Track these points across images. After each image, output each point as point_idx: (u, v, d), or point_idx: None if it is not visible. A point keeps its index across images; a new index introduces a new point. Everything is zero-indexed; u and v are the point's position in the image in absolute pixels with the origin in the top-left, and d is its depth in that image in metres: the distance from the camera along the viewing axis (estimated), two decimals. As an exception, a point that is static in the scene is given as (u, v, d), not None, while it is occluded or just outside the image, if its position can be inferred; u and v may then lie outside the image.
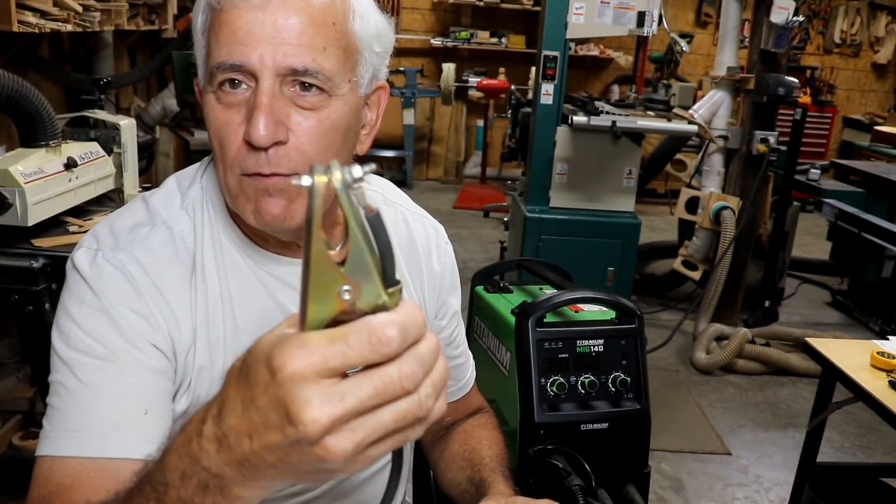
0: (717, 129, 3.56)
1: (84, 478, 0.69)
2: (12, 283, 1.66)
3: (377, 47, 0.78)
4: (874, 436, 2.84)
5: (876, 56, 7.18)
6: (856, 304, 4.10)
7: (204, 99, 0.75)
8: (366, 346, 0.42)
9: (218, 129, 0.73)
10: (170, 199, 0.83)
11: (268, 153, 0.71)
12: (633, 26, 3.06)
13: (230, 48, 0.70)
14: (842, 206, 3.60)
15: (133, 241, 0.78)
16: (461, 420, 1.07)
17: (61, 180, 1.80)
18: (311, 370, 0.42)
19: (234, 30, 0.70)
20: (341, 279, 0.44)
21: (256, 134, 0.69)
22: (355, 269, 0.44)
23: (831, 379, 1.79)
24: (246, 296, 0.81)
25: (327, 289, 0.44)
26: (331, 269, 0.44)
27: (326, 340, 0.43)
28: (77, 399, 0.71)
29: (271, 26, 0.69)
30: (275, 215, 0.73)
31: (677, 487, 2.45)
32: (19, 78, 1.74)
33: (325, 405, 0.42)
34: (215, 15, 0.72)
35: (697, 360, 3.33)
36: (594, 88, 6.63)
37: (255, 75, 0.70)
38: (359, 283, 0.44)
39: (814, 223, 5.36)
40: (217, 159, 0.75)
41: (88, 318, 0.74)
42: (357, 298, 0.44)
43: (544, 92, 3.25)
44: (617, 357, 1.48)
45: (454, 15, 6.57)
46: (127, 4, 2.74)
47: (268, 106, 0.69)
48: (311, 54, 0.70)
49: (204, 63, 0.75)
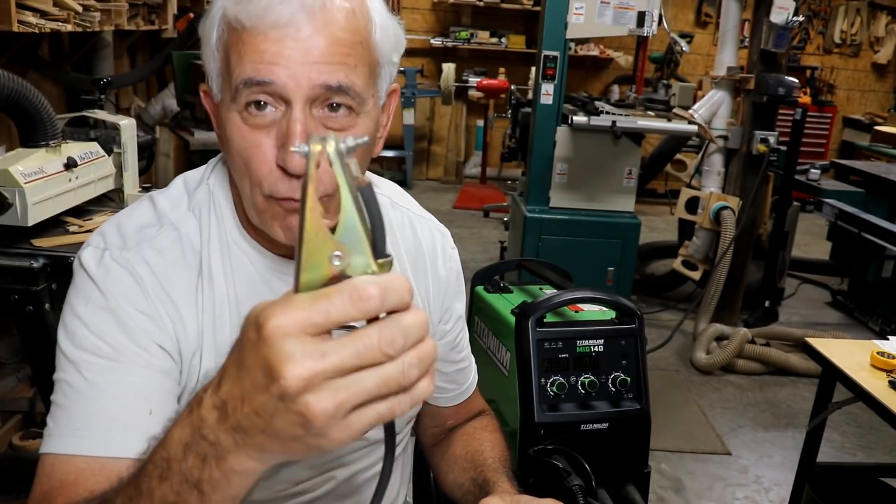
0: (717, 129, 3.56)
1: (87, 475, 0.69)
2: (12, 283, 1.65)
3: (395, 57, 0.78)
4: (874, 436, 2.84)
5: (876, 56, 7.18)
6: (856, 304, 4.10)
7: (224, 115, 0.73)
8: (347, 302, 0.43)
9: (244, 149, 0.71)
10: (177, 200, 0.82)
11: (300, 179, 0.69)
12: (633, 26, 3.06)
13: (257, 66, 0.68)
14: (842, 206, 3.60)
15: (141, 241, 0.78)
16: (463, 423, 1.07)
17: (61, 180, 1.80)
18: (295, 326, 0.43)
19: (259, 51, 0.68)
20: (332, 245, 0.45)
21: (293, 162, 0.67)
22: (346, 236, 0.46)
23: (831, 379, 1.79)
24: (253, 299, 0.80)
25: (319, 253, 0.45)
26: (323, 235, 0.45)
27: (311, 299, 0.44)
28: (82, 398, 0.72)
29: (301, 49, 0.67)
30: None
31: (677, 487, 2.45)
32: (19, 78, 1.74)
33: (306, 359, 0.43)
34: (235, 34, 0.69)
35: (697, 360, 3.33)
36: (594, 88, 6.63)
37: (284, 98, 0.68)
38: (349, 251, 0.46)
39: (814, 223, 5.36)
40: (240, 175, 0.73)
41: (95, 317, 0.74)
42: (347, 266, 0.46)
43: (544, 92, 3.26)
44: (617, 357, 1.48)
45: (454, 15, 6.57)
46: (127, 4, 2.74)
47: (304, 133, 0.68)
48: (343, 71, 0.69)
49: (220, 75, 0.73)
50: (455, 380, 1.03)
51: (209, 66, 0.75)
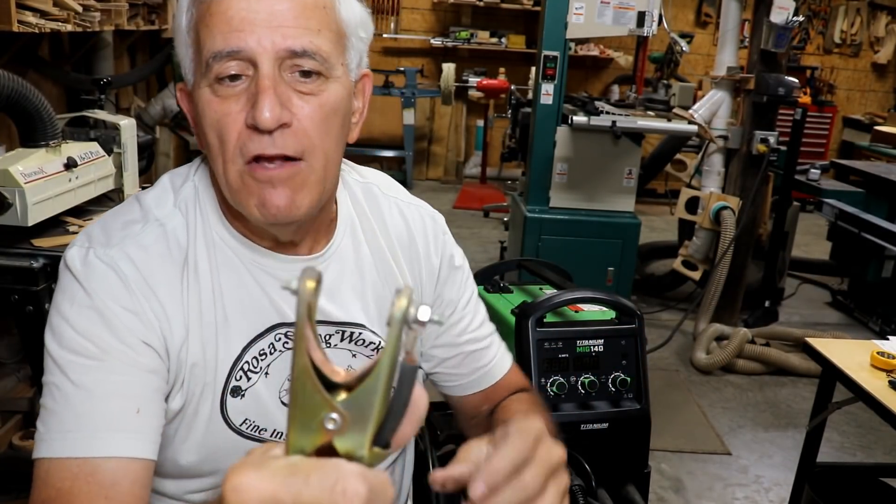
0: (717, 129, 3.56)
1: (81, 482, 0.69)
2: (12, 283, 1.66)
3: (362, 33, 0.79)
4: (874, 436, 2.84)
5: (876, 56, 7.18)
6: (856, 304, 4.10)
7: (196, 95, 0.74)
8: (325, 491, 0.37)
9: (216, 120, 0.72)
10: (163, 197, 0.82)
11: (272, 136, 0.70)
12: (633, 26, 3.06)
13: (226, 36, 0.70)
14: (842, 206, 3.60)
15: (125, 237, 0.78)
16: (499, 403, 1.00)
17: (61, 180, 1.80)
18: (256, 499, 0.37)
19: (227, 18, 0.70)
20: (327, 406, 0.39)
21: (262, 117, 0.68)
22: (356, 406, 0.39)
23: (831, 379, 1.79)
24: (238, 292, 0.81)
25: (311, 413, 0.39)
26: (315, 392, 0.39)
27: (286, 471, 0.38)
28: (70, 400, 0.72)
29: (266, 12, 0.70)
30: (280, 207, 0.73)
31: (677, 487, 2.45)
32: (19, 78, 1.74)
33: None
34: (205, 7, 0.72)
35: (697, 360, 3.33)
36: (594, 88, 6.63)
37: (253, 62, 0.70)
38: (350, 422, 0.39)
39: (814, 223, 5.36)
40: (215, 154, 0.74)
41: (80, 317, 0.74)
42: (341, 434, 0.39)
43: (544, 92, 3.26)
44: (617, 357, 1.48)
45: (454, 15, 6.57)
46: (127, 4, 2.74)
47: (272, 88, 0.69)
48: (307, 35, 0.71)
49: (194, 59, 0.74)
50: (463, 364, 0.98)
51: (183, 58, 0.76)
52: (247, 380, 0.82)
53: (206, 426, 0.80)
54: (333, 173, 0.79)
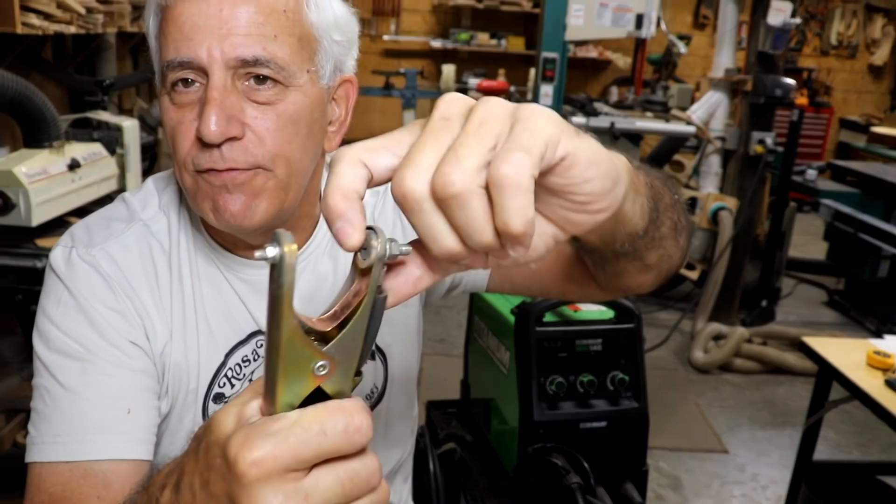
0: (714, 131, 3.58)
1: (73, 485, 0.69)
2: (16, 282, 1.67)
3: (337, 36, 0.74)
4: (870, 434, 2.86)
5: (872, 58, 7.20)
6: (852, 304, 4.12)
7: (160, 101, 0.73)
8: (341, 435, 0.37)
9: (171, 128, 0.70)
10: (148, 199, 0.82)
11: (221, 149, 0.68)
12: (631, 28, 3.08)
13: (177, 45, 0.67)
14: (838, 207, 3.62)
15: (108, 237, 0.77)
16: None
17: (65, 181, 1.82)
18: (281, 467, 0.37)
19: (179, 25, 0.67)
20: (317, 355, 0.39)
21: (207, 130, 0.66)
22: (343, 349, 0.39)
23: (828, 378, 1.80)
24: (217, 300, 0.80)
25: (300, 368, 0.39)
26: (304, 347, 0.38)
27: (298, 430, 0.37)
28: (60, 403, 0.71)
29: (216, 17, 0.66)
30: (234, 213, 0.70)
31: (675, 485, 2.47)
32: (23, 79, 1.76)
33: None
34: (164, 13, 0.70)
35: (695, 359, 3.34)
36: (593, 90, 6.65)
37: (204, 70, 0.67)
38: (337, 364, 0.39)
39: (810, 223, 5.38)
40: (174, 159, 0.72)
41: (66, 318, 0.73)
42: (329, 377, 0.39)
43: (543, 93, 3.27)
44: (615, 356, 1.50)
45: (454, 17, 6.58)
46: (130, 6, 2.75)
47: (219, 101, 0.66)
48: (260, 43, 0.67)
49: (157, 64, 0.73)
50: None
51: (154, 61, 0.74)
52: (230, 387, 0.81)
53: (189, 433, 0.80)
54: (299, 182, 0.74)
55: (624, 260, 0.65)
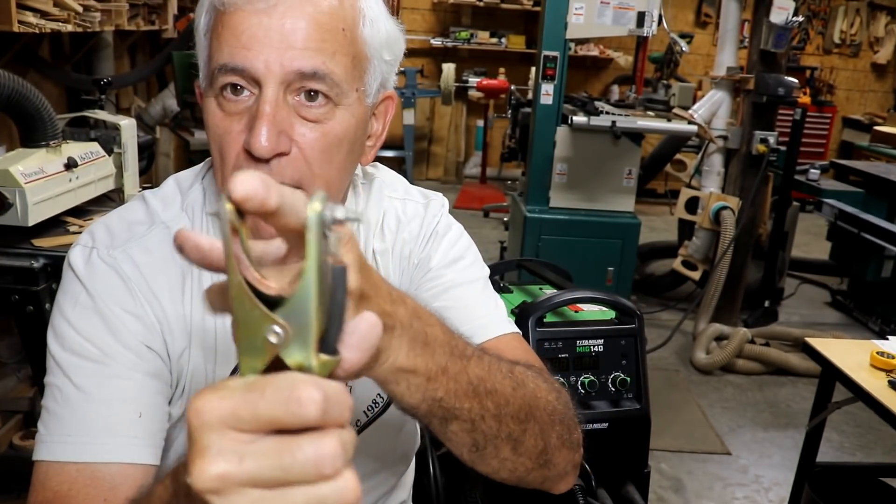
0: (716, 130, 3.56)
1: (79, 485, 0.68)
2: (13, 282, 1.66)
3: (387, 55, 0.76)
4: (873, 436, 2.85)
5: (875, 56, 7.18)
6: (855, 304, 4.10)
7: (204, 102, 0.73)
8: (281, 402, 0.37)
9: (218, 136, 0.70)
10: (170, 199, 0.81)
11: (269, 164, 0.68)
12: (632, 26, 3.07)
13: (232, 50, 0.67)
14: (841, 206, 3.60)
15: (129, 239, 0.77)
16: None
17: (62, 180, 1.81)
18: (217, 417, 0.37)
19: (237, 33, 0.67)
20: (267, 319, 0.39)
21: (258, 144, 0.66)
22: (293, 314, 0.39)
23: (831, 379, 1.79)
24: None
25: (254, 331, 0.39)
26: (253, 308, 0.39)
27: (243, 388, 0.38)
28: (72, 403, 0.71)
29: (277, 30, 0.66)
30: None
31: (677, 487, 2.46)
32: (20, 78, 1.75)
33: (219, 459, 0.37)
34: (218, 16, 0.69)
35: (697, 360, 3.33)
36: (594, 89, 6.64)
37: (258, 81, 0.67)
38: (291, 330, 0.39)
39: (813, 223, 5.36)
40: (217, 166, 0.72)
41: (83, 319, 0.73)
42: (286, 346, 0.39)
43: (544, 92, 3.26)
44: (617, 357, 1.48)
45: (454, 15, 6.57)
46: (127, 5, 2.74)
47: (271, 115, 0.66)
48: (319, 57, 0.67)
49: (206, 65, 0.72)
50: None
51: (199, 57, 0.74)
52: None
53: None
54: (333, 199, 0.74)
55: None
